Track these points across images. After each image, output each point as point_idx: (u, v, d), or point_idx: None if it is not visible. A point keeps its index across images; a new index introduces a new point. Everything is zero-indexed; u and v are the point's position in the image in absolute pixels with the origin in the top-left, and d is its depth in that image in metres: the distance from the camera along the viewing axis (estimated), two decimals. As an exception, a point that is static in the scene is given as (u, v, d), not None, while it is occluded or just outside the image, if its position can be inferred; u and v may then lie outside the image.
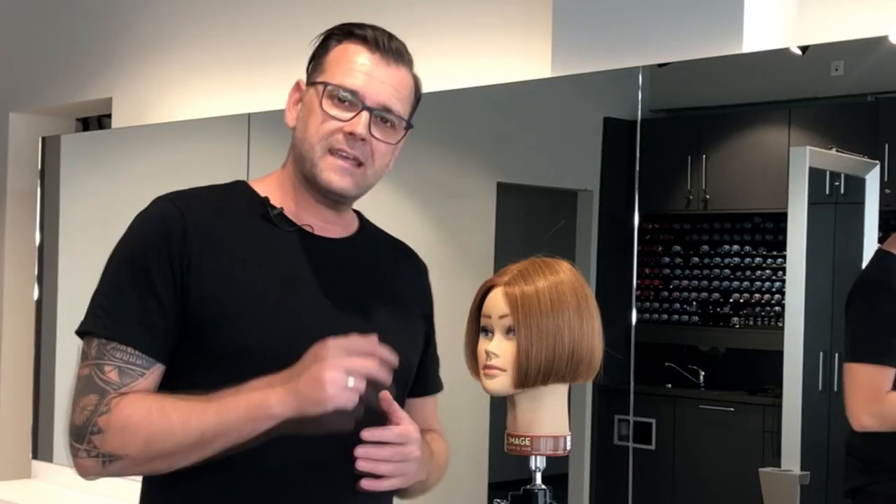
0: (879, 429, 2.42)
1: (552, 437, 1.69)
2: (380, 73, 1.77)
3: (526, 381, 1.67)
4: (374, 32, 1.81)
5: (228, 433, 1.61)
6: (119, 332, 1.68)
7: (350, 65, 1.77)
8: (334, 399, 1.56)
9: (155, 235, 1.71)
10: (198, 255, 1.70)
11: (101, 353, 1.68)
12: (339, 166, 1.74)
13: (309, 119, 1.76)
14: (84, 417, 1.69)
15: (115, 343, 1.68)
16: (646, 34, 2.62)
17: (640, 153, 2.75)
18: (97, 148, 4.44)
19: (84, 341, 1.72)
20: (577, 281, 1.71)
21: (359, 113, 1.73)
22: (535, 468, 1.70)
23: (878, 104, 2.65)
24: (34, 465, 4.22)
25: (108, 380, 1.67)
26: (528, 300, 1.66)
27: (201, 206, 1.76)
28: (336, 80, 1.75)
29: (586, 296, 1.70)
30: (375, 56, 1.78)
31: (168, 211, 1.73)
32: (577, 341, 1.67)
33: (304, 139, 1.76)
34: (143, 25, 4.09)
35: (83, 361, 1.71)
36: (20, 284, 4.55)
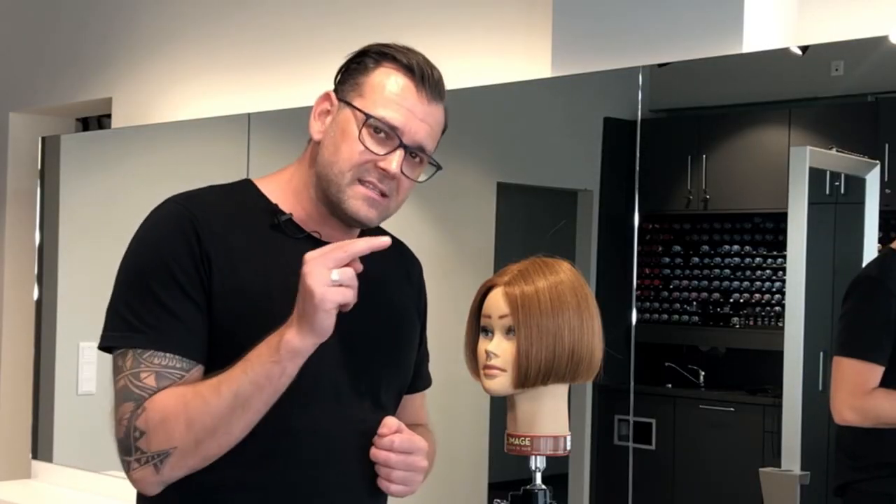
0: (860, 424, 2.43)
1: (552, 437, 1.69)
2: (420, 110, 1.75)
3: (526, 382, 1.67)
4: (420, 63, 1.76)
5: (261, 386, 1.60)
6: (154, 338, 1.65)
7: (393, 97, 1.73)
8: (326, 297, 1.57)
9: (176, 238, 1.68)
10: (216, 261, 1.68)
11: (136, 363, 1.65)
12: (367, 196, 1.73)
13: (342, 143, 1.72)
14: (124, 428, 1.65)
15: (151, 351, 1.65)
16: (646, 34, 2.62)
17: (640, 153, 2.75)
18: (97, 148, 4.43)
19: (115, 355, 1.69)
20: (577, 281, 1.71)
21: (395, 150, 1.72)
22: (536, 468, 1.70)
23: (878, 104, 2.65)
24: (34, 465, 4.22)
25: (145, 385, 1.65)
26: (528, 300, 1.66)
27: (212, 211, 1.74)
28: (377, 112, 1.71)
29: (586, 296, 1.70)
30: (419, 91, 1.75)
31: (183, 214, 1.71)
32: (578, 341, 1.67)
33: (334, 162, 1.73)
34: (143, 25, 4.09)
35: (116, 375, 1.68)
36: (20, 284, 4.55)
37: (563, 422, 1.71)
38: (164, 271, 1.67)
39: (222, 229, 1.72)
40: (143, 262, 1.70)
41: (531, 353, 1.65)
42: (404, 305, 1.91)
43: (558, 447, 1.70)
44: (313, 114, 1.78)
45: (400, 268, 1.93)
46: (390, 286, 1.88)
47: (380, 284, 1.85)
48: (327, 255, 1.59)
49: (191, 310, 1.67)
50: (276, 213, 1.76)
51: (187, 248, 1.67)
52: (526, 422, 1.69)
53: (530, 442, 1.68)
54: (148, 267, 1.69)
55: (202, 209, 1.73)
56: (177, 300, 1.66)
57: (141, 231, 1.74)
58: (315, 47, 3.48)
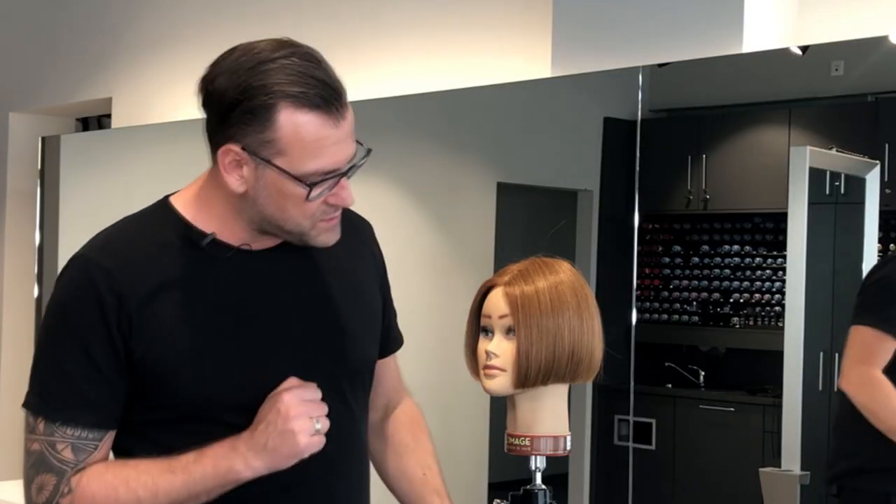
0: (853, 396, 2.39)
1: (552, 437, 1.69)
2: (341, 133, 1.58)
3: (526, 382, 1.67)
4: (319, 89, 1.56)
5: (198, 498, 1.61)
6: (67, 415, 1.65)
7: (316, 145, 1.56)
8: (308, 447, 1.59)
9: (87, 308, 1.62)
10: (137, 318, 1.62)
11: (50, 431, 1.66)
12: (332, 226, 1.66)
13: (286, 203, 1.60)
14: (44, 498, 1.67)
15: (60, 422, 1.65)
16: (646, 34, 2.62)
17: (640, 153, 2.75)
18: (97, 148, 4.44)
19: (29, 414, 1.70)
20: (578, 281, 1.71)
21: (338, 182, 1.60)
22: (536, 468, 1.70)
23: (878, 104, 2.65)
24: (34, 465, 4.22)
25: (63, 458, 1.66)
26: (528, 300, 1.66)
27: (128, 258, 1.65)
28: (310, 167, 1.56)
29: (586, 296, 1.70)
30: (331, 118, 1.56)
31: (95, 276, 1.62)
32: (578, 341, 1.67)
33: (285, 219, 1.63)
34: (143, 25, 4.09)
35: (31, 434, 1.69)
36: (20, 284, 4.55)
37: (563, 422, 1.71)
38: (76, 344, 1.63)
39: (143, 272, 1.64)
40: (53, 329, 1.66)
41: (531, 354, 1.65)
42: (363, 281, 1.84)
43: (558, 447, 1.70)
44: (221, 167, 1.64)
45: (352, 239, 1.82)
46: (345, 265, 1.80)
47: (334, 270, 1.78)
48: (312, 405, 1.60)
49: (98, 382, 1.63)
50: (198, 237, 1.67)
51: (101, 319, 1.61)
52: (526, 422, 1.69)
53: (530, 442, 1.68)
54: (58, 335, 1.65)
55: (116, 259, 1.64)
56: (85, 373, 1.63)
57: (54, 293, 1.67)
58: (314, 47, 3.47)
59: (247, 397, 1.64)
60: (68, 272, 1.67)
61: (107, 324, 1.61)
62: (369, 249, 1.88)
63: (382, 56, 3.32)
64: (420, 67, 3.25)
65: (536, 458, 1.69)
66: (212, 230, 1.67)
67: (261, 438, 1.58)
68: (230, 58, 1.63)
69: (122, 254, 1.66)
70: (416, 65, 3.26)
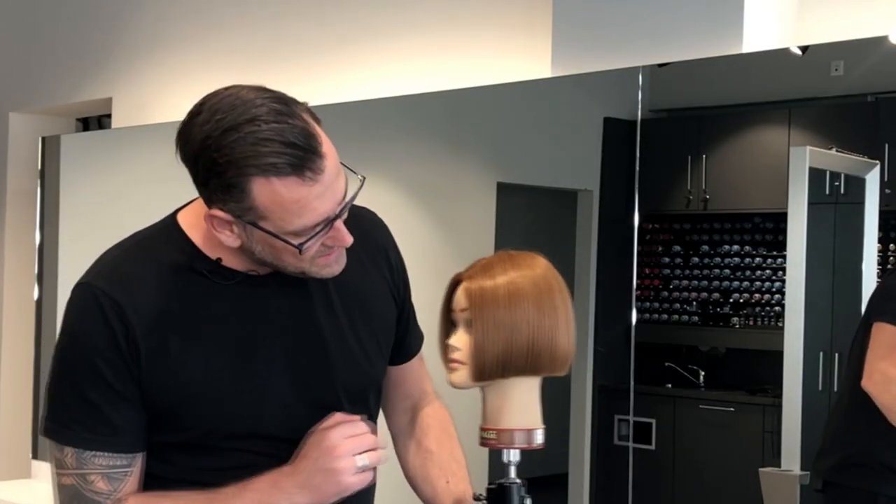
0: (877, 395, 2.34)
1: (521, 431, 1.68)
2: (322, 186, 1.53)
3: (483, 375, 1.67)
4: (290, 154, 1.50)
5: None
6: (95, 442, 1.63)
7: (294, 207, 1.53)
8: (353, 486, 1.59)
9: (99, 337, 1.61)
10: (144, 346, 1.62)
11: (80, 463, 1.63)
12: (332, 260, 1.64)
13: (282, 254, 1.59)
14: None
15: (90, 452, 1.63)
16: (646, 34, 2.62)
17: (640, 153, 2.75)
18: (97, 148, 4.43)
19: (55, 446, 1.65)
20: (543, 274, 1.69)
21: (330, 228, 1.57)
22: (508, 462, 1.70)
23: (878, 104, 2.65)
24: (34, 465, 4.22)
25: (98, 490, 1.63)
26: (485, 293, 1.66)
27: (135, 284, 1.64)
28: (294, 227, 1.54)
29: (550, 289, 1.68)
30: (307, 177, 1.51)
31: (104, 305, 1.62)
32: (536, 334, 1.66)
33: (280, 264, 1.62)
34: (143, 25, 4.09)
35: (61, 469, 1.64)
36: (20, 284, 4.55)
37: (532, 415, 1.70)
38: (90, 369, 1.62)
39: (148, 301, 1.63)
40: (69, 358, 1.65)
41: (486, 346, 1.65)
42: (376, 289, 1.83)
43: (530, 441, 1.69)
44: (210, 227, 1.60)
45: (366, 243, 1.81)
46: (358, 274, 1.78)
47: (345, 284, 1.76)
48: (357, 440, 1.59)
49: (121, 406, 1.63)
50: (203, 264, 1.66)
51: (112, 346, 1.61)
52: (493, 415, 1.69)
53: (496, 435, 1.68)
54: (75, 364, 1.64)
55: (123, 286, 1.63)
56: (107, 398, 1.62)
57: (65, 322, 1.67)
58: (315, 47, 3.48)
59: (250, 425, 1.66)
60: (77, 301, 1.66)
61: (119, 349, 1.61)
62: (383, 255, 1.86)
63: (383, 56, 3.32)
64: (420, 67, 3.25)
65: (509, 451, 1.69)
66: (217, 255, 1.66)
67: (304, 475, 1.58)
68: (197, 121, 1.56)
69: (128, 281, 1.64)
70: (416, 65, 3.26)
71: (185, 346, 1.63)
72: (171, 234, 1.69)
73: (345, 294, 1.76)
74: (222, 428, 1.65)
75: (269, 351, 1.68)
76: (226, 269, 1.66)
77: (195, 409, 1.64)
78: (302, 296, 1.71)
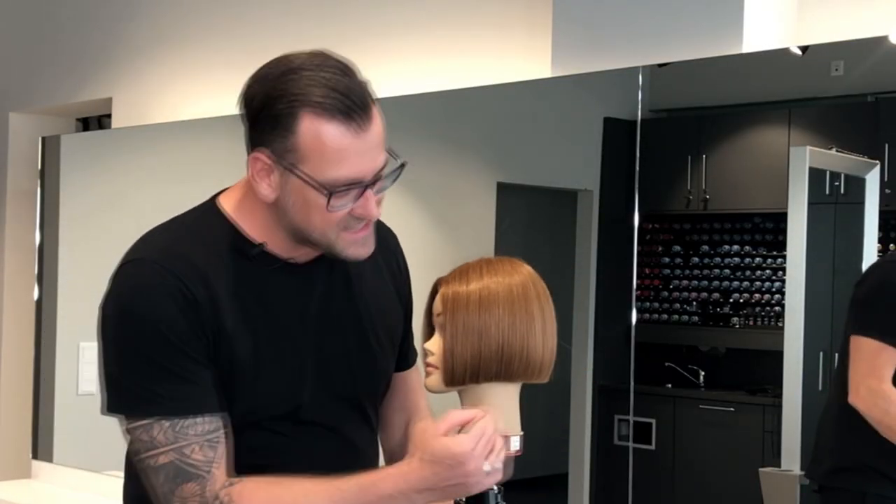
0: (866, 411, 2.40)
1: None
2: (365, 144, 1.59)
3: (454, 379, 1.67)
4: (341, 99, 1.58)
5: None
6: (190, 408, 1.62)
7: (336, 154, 1.57)
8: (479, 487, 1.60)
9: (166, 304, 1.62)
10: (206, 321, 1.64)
11: (175, 436, 1.61)
12: (357, 240, 1.66)
13: (311, 213, 1.62)
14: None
15: (182, 419, 1.61)
16: (646, 34, 2.62)
17: (640, 153, 2.75)
18: (97, 148, 4.43)
19: (140, 428, 1.63)
20: (521, 281, 1.69)
21: (363, 194, 1.61)
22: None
23: (878, 104, 2.65)
24: (34, 465, 4.22)
25: (196, 461, 1.61)
26: (457, 298, 1.67)
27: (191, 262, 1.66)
28: (331, 176, 1.58)
29: (526, 295, 1.67)
30: (354, 127, 1.58)
31: (166, 276, 1.63)
32: (507, 339, 1.65)
33: (311, 229, 1.64)
34: (143, 25, 4.09)
35: (153, 450, 1.62)
36: (20, 284, 4.55)
37: (508, 422, 1.69)
38: (167, 342, 1.62)
39: (204, 280, 1.65)
40: (137, 334, 1.64)
41: (456, 351, 1.65)
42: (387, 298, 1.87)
43: (507, 447, 1.66)
44: (252, 175, 1.65)
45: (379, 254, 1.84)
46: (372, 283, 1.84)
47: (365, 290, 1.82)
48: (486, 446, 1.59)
49: (201, 371, 1.63)
50: (248, 247, 1.69)
51: (181, 314, 1.62)
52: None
53: None
54: (146, 338, 1.63)
55: (180, 264, 1.65)
56: (187, 366, 1.62)
57: (121, 299, 1.66)
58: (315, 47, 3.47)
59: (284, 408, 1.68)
60: (135, 277, 1.66)
61: (188, 320, 1.62)
62: (395, 262, 1.90)
63: (383, 56, 3.32)
64: (420, 67, 3.25)
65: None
66: (260, 239, 1.68)
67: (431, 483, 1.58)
68: (264, 68, 1.67)
69: (183, 259, 1.66)
70: (416, 65, 3.26)
71: (235, 325, 1.65)
72: (215, 217, 1.72)
73: (367, 292, 1.80)
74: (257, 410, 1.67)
75: (303, 339, 1.71)
76: (268, 254, 1.69)
77: (243, 386, 1.65)
78: (333, 288, 1.75)
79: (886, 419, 2.40)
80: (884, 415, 2.40)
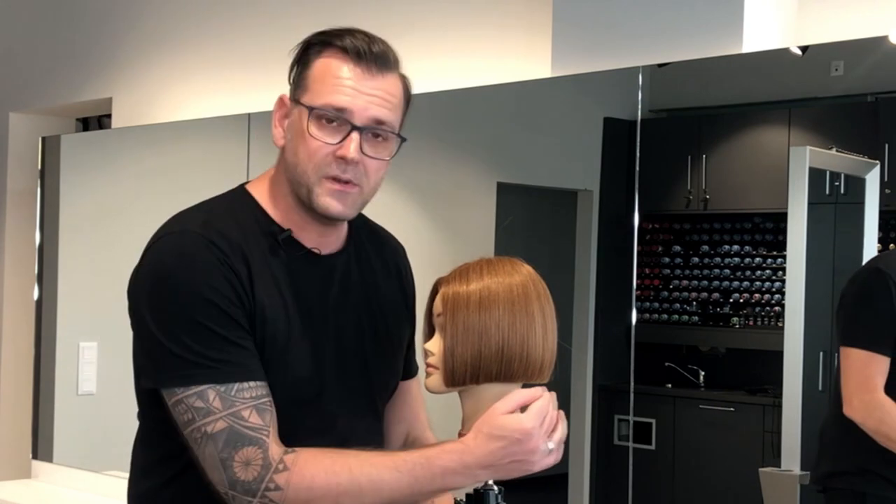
0: (862, 422, 2.41)
1: None
2: (366, 86, 1.69)
3: (454, 380, 1.67)
4: (354, 40, 1.71)
5: (414, 499, 1.65)
6: (241, 374, 1.62)
7: (334, 81, 1.68)
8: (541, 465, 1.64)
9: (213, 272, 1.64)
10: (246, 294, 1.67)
11: (227, 403, 1.61)
12: (335, 191, 1.69)
13: (299, 144, 1.69)
14: (255, 473, 1.60)
15: (237, 384, 1.61)
16: (646, 34, 2.62)
17: (640, 153, 2.75)
18: (97, 148, 4.43)
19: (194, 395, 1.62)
20: (522, 281, 1.68)
21: (348, 135, 1.67)
22: None
23: (878, 104, 2.65)
24: (34, 465, 4.22)
25: (253, 424, 1.61)
26: (458, 298, 1.66)
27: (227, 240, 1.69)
28: (321, 101, 1.67)
29: (526, 296, 1.67)
30: (359, 67, 1.69)
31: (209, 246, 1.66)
32: (507, 340, 1.65)
33: (296, 165, 1.70)
34: (143, 25, 4.09)
35: (206, 417, 1.61)
36: (20, 284, 4.55)
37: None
38: (214, 307, 1.63)
39: (241, 255, 1.68)
40: (183, 302, 1.64)
41: (456, 351, 1.65)
42: (395, 305, 1.90)
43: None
44: (273, 120, 1.75)
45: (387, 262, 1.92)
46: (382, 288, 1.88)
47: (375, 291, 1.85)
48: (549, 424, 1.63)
49: (247, 337, 1.65)
50: (276, 232, 1.73)
51: (226, 281, 1.64)
52: (469, 421, 1.68)
53: None
54: (196, 306, 1.63)
55: (220, 238, 1.68)
56: (235, 332, 1.64)
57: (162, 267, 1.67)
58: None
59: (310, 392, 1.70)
60: (178, 246, 1.67)
61: (232, 286, 1.64)
62: (406, 274, 1.94)
63: (382, 56, 3.32)
64: (420, 67, 3.24)
65: None
66: (287, 226, 1.73)
67: (498, 458, 1.61)
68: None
69: (222, 234, 1.69)
70: (415, 65, 3.25)
71: (269, 302, 1.68)
72: (245, 201, 1.76)
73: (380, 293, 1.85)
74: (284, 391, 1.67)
75: (323, 327, 1.74)
76: (294, 241, 1.73)
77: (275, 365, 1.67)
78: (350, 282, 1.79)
79: (883, 428, 2.42)
80: (879, 424, 2.43)
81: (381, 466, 1.61)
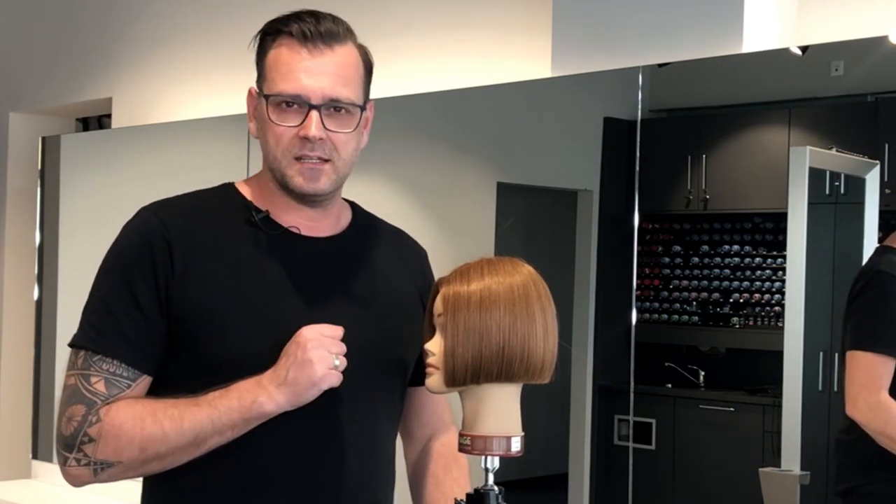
0: (866, 424, 2.41)
1: (498, 438, 1.66)
2: (316, 66, 1.74)
3: (454, 380, 1.66)
4: (301, 23, 1.75)
5: (223, 433, 1.66)
6: (104, 346, 1.70)
7: (285, 67, 1.74)
8: (326, 378, 1.65)
9: (137, 248, 1.73)
10: (182, 267, 1.71)
11: (87, 364, 1.71)
12: (306, 170, 1.74)
13: (266, 132, 1.76)
14: (73, 428, 1.69)
15: (100, 355, 1.70)
16: (646, 34, 2.62)
17: (640, 153, 2.75)
18: (97, 148, 4.44)
19: (72, 351, 1.75)
20: (523, 281, 1.68)
21: (307, 115, 1.72)
22: (486, 468, 1.68)
23: (878, 104, 2.65)
24: (34, 465, 4.22)
25: (95, 391, 1.69)
26: (458, 299, 1.66)
27: (185, 215, 1.77)
28: (276, 89, 1.74)
29: (527, 296, 1.66)
30: (306, 49, 1.74)
31: (151, 222, 1.75)
32: (508, 340, 1.64)
33: (268, 152, 1.77)
34: (143, 25, 4.09)
35: (69, 371, 1.74)
36: (20, 284, 4.55)
37: (509, 422, 1.68)
38: (122, 281, 1.71)
39: (195, 230, 1.75)
40: (105, 269, 1.76)
41: (457, 351, 1.64)
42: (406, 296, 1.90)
43: (508, 448, 1.66)
44: (248, 114, 1.84)
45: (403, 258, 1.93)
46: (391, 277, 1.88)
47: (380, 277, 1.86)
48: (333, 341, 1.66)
49: (139, 322, 1.71)
50: (251, 211, 1.79)
51: (148, 259, 1.71)
52: (470, 422, 1.68)
53: (472, 441, 1.67)
54: (107, 274, 1.75)
55: (174, 213, 1.77)
56: (127, 311, 1.71)
57: (115, 239, 1.79)
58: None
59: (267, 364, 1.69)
60: (130, 221, 1.79)
61: (153, 263, 1.70)
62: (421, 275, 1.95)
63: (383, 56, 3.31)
64: (420, 68, 3.25)
65: (487, 458, 1.68)
66: (266, 208, 1.79)
67: (282, 371, 1.65)
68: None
69: (178, 210, 1.78)
70: (416, 65, 3.26)
71: (218, 276, 1.72)
72: (226, 190, 1.85)
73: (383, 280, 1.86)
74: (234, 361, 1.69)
75: (293, 300, 1.75)
76: (272, 221, 1.78)
77: (215, 336, 1.71)
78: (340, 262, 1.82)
79: (888, 429, 2.42)
80: (884, 425, 2.43)
81: (183, 405, 1.66)
